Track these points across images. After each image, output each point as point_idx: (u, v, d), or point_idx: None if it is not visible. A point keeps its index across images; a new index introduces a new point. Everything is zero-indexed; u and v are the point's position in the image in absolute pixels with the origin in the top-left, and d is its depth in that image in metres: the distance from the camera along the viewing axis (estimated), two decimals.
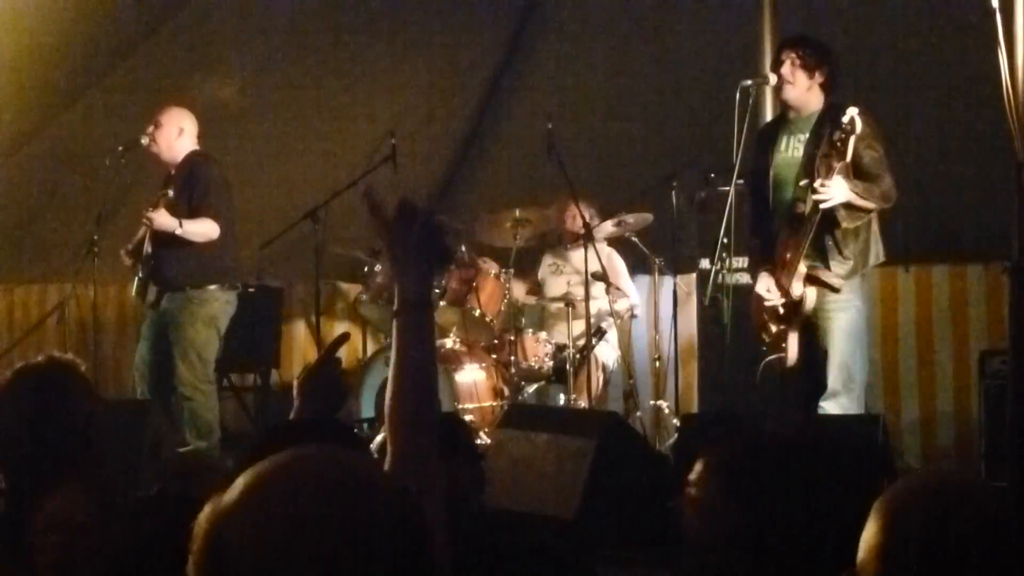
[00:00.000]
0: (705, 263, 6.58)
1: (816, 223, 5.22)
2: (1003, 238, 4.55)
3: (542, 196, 7.47)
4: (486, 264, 7.04)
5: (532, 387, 7.04)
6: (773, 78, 5.49)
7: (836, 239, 5.31)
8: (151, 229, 6.27)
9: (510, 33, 8.58)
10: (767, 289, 5.45)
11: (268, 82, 8.28)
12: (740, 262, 6.00)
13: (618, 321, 7.11)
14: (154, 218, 6.18)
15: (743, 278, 6.08)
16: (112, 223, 7.02)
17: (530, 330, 7.09)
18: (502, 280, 7.03)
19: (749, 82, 5.53)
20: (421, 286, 1.93)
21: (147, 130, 6.43)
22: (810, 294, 5.32)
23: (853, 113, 5.07)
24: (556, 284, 7.39)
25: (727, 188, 5.56)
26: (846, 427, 5.13)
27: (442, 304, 6.96)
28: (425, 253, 1.93)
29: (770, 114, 6.25)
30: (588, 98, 8.36)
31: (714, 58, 7.63)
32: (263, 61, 8.20)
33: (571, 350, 6.78)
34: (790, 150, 5.48)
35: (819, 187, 5.13)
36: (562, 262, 7.49)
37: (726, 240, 5.50)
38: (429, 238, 1.92)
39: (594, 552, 4.53)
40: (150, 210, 6.23)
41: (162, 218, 6.17)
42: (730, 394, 5.88)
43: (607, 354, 7.19)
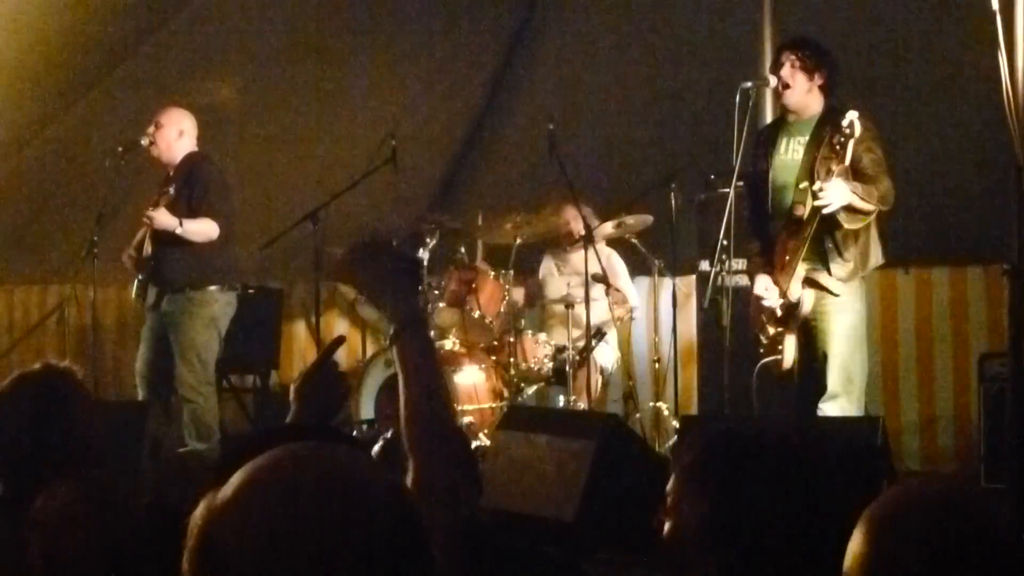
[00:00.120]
0: (705, 265, 6.57)
1: (815, 226, 5.22)
2: (1003, 240, 4.55)
3: (543, 197, 7.46)
4: (483, 267, 7.04)
5: (531, 389, 7.04)
6: (773, 80, 5.49)
7: (836, 242, 5.31)
8: (151, 229, 6.27)
9: (511, 33, 8.58)
10: (765, 288, 5.45)
11: (268, 82, 8.28)
12: (740, 264, 5.98)
13: (618, 323, 7.10)
14: (154, 216, 6.18)
15: (742, 280, 6.07)
16: (112, 224, 7.01)
17: (529, 331, 7.08)
18: (501, 281, 7.02)
19: (749, 84, 5.54)
20: (408, 305, 2.00)
21: (147, 131, 6.43)
22: (808, 297, 5.31)
23: (853, 116, 5.08)
24: (556, 285, 7.39)
25: (727, 190, 5.55)
26: (846, 429, 5.13)
27: (441, 305, 6.96)
28: (397, 276, 2.00)
29: (770, 116, 6.25)
30: (588, 99, 8.36)
31: (714, 59, 7.63)
32: (263, 61, 8.19)
33: (570, 352, 6.77)
34: (789, 152, 5.48)
35: (818, 191, 5.13)
36: (562, 264, 7.48)
37: (726, 242, 5.49)
38: (394, 263, 2.00)
39: (593, 554, 4.53)
40: (150, 209, 6.23)
41: (162, 217, 6.17)
42: (729, 396, 5.87)
43: (606, 356, 7.19)
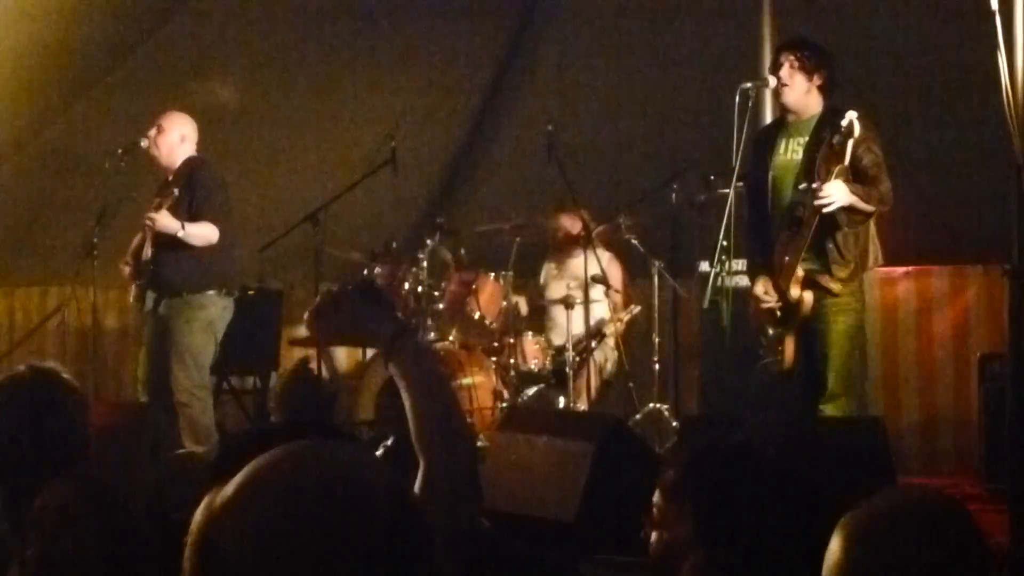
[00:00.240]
0: (705, 266, 6.56)
1: (815, 226, 5.22)
2: (1003, 241, 4.54)
3: (542, 198, 7.46)
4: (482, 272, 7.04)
5: (531, 390, 7.02)
6: (772, 81, 5.49)
7: (836, 242, 5.30)
8: (152, 233, 6.24)
9: (510, 34, 8.57)
10: (764, 291, 5.44)
11: (268, 84, 8.28)
12: (740, 265, 5.98)
13: (618, 324, 7.10)
14: (157, 219, 6.14)
15: (743, 281, 6.07)
16: (112, 225, 7.01)
17: (529, 333, 7.07)
18: (501, 283, 7.02)
19: (749, 85, 5.53)
20: (385, 325, 2.03)
21: (148, 133, 6.41)
22: (807, 298, 5.31)
23: (852, 117, 5.08)
24: (556, 287, 7.38)
25: (727, 191, 5.55)
26: (846, 429, 5.12)
27: (441, 307, 6.95)
28: (362, 309, 2.05)
29: (770, 117, 6.24)
30: (588, 100, 8.35)
31: (714, 60, 7.63)
32: (263, 63, 8.19)
33: (570, 353, 6.76)
34: (789, 153, 5.47)
35: (818, 191, 5.13)
36: (561, 266, 7.48)
37: (725, 243, 5.48)
38: (354, 301, 2.06)
39: (593, 555, 4.53)
40: (152, 212, 6.20)
41: (165, 219, 6.13)
42: (730, 397, 5.87)
43: (604, 357, 7.18)
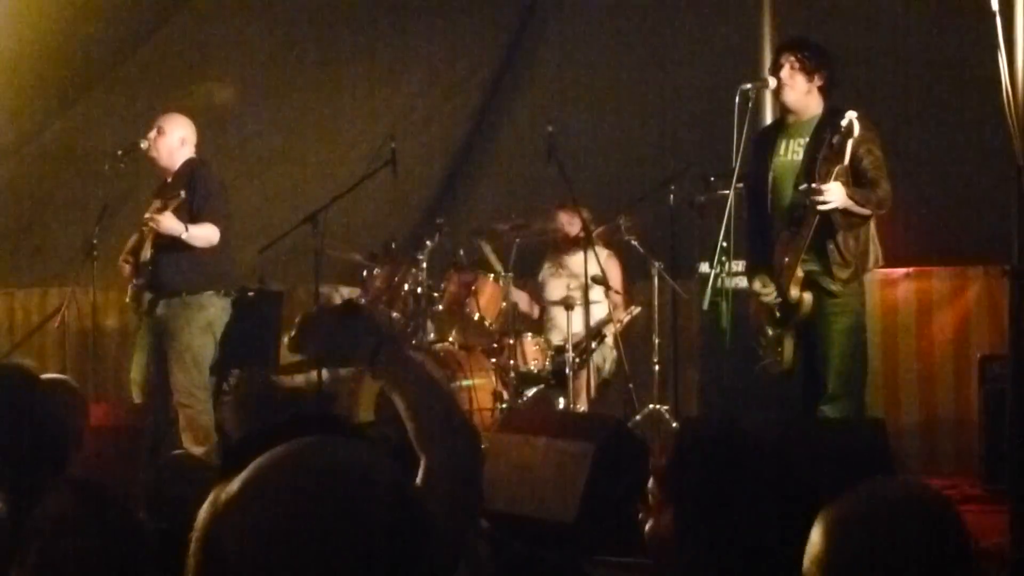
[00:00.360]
0: (704, 267, 6.55)
1: (815, 227, 5.21)
2: (1004, 241, 4.54)
3: (542, 198, 7.46)
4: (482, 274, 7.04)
5: (531, 390, 7.02)
6: (772, 81, 5.48)
7: (836, 243, 5.30)
8: (153, 234, 6.21)
9: (510, 34, 8.58)
10: (762, 285, 5.44)
11: (267, 84, 8.27)
12: (739, 266, 5.97)
13: (618, 324, 7.09)
14: (161, 220, 6.09)
15: (742, 282, 6.06)
16: (112, 225, 7.00)
17: (529, 334, 7.07)
18: (501, 284, 7.01)
19: (749, 86, 5.52)
20: (368, 337, 2.06)
21: (148, 135, 6.39)
22: (807, 298, 5.31)
23: (852, 117, 5.08)
24: (556, 287, 7.38)
25: (727, 191, 5.54)
26: (846, 430, 5.12)
27: (440, 308, 6.95)
28: (340, 328, 2.10)
29: (770, 117, 6.24)
30: (587, 100, 8.35)
31: (714, 60, 7.62)
32: (263, 61, 8.19)
33: (570, 354, 6.76)
34: (789, 154, 5.47)
35: (817, 191, 5.12)
36: (561, 266, 7.47)
37: (725, 244, 5.48)
38: (335, 321, 2.13)
39: (593, 556, 4.53)
40: (155, 213, 6.16)
41: (169, 221, 6.09)
42: (730, 398, 5.86)
43: (603, 357, 7.17)
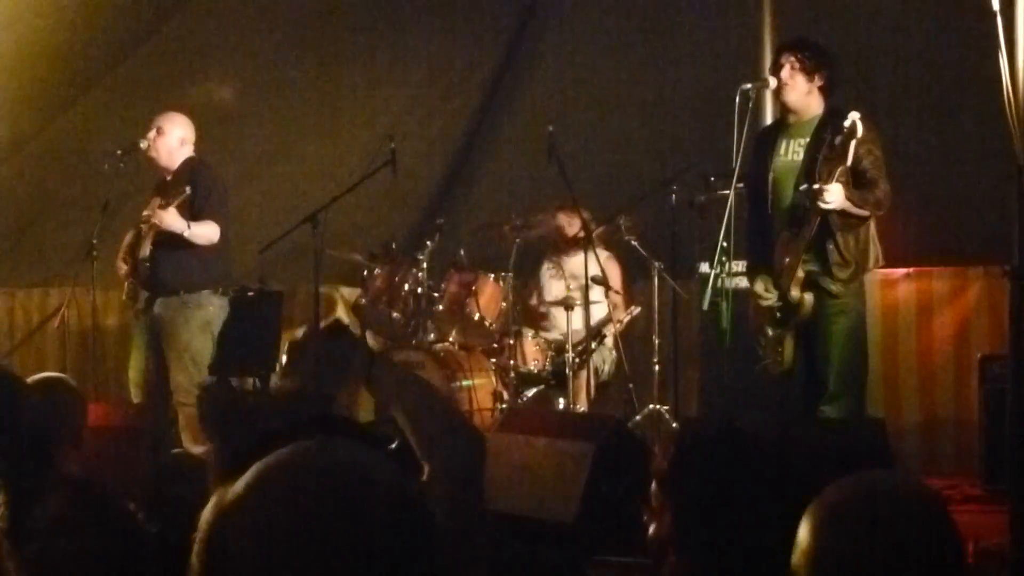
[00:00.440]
0: (704, 267, 6.55)
1: (816, 227, 5.21)
2: (1004, 242, 4.54)
3: (542, 198, 7.46)
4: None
5: (531, 391, 7.01)
6: (773, 81, 5.48)
7: (837, 243, 5.30)
8: (154, 231, 6.20)
9: (510, 34, 8.57)
10: (764, 288, 5.44)
11: (267, 84, 8.28)
12: (740, 266, 5.97)
13: (618, 325, 7.09)
14: (164, 216, 6.07)
15: (743, 282, 6.06)
16: (112, 226, 7.00)
17: (529, 334, 7.06)
18: (501, 284, 7.01)
19: (749, 86, 5.52)
20: (356, 355, 2.04)
21: (148, 135, 6.39)
22: (808, 299, 5.31)
23: (855, 117, 5.07)
24: (555, 287, 7.38)
25: (727, 192, 5.54)
26: (847, 430, 5.12)
27: (440, 308, 6.95)
28: (331, 348, 2.08)
29: (770, 117, 6.24)
30: (587, 100, 8.34)
31: (714, 60, 7.62)
32: (263, 61, 8.19)
33: (570, 354, 6.76)
34: (790, 154, 5.46)
35: (819, 191, 5.12)
36: (561, 266, 7.47)
37: (725, 244, 5.48)
38: (322, 344, 2.10)
39: (593, 556, 4.52)
40: (158, 209, 6.12)
41: (172, 217, 6.07)
42: (730, 398, 5.86)
43: (603, 358, 7.17)
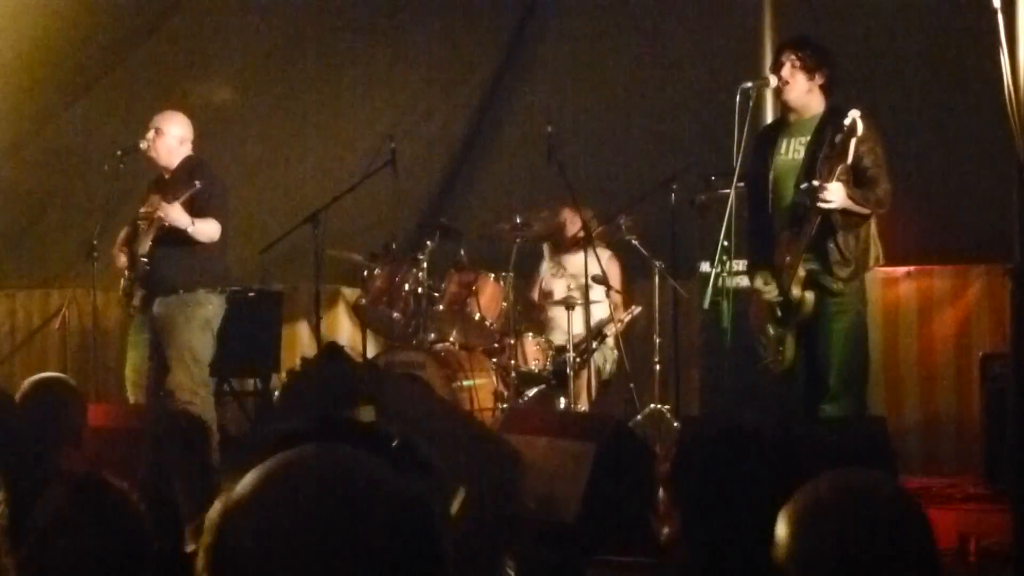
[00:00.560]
0: (705, 266, 6.55)
1: (816, 226, 5.21)
2: (1005, 240, 4.54)
3: (542, 198, 7.46)
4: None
5: (532, 390, 7.01)
6: (773, 80, 5.47)
7: (837, 242, 5.29)
8: (156, 227, 6.17)
9: (510, 34, 8.57)
10: (764, 282, 5.43)
11: (267, 83, 8.27)
12: (740, 265, 5.97)
13: (618, 324, 7.09)
14: (169, 211, 6.02)
15: (743, 281, 6.06)
16: (112, 226, 6.99)
17: (530, 333, 7.06)
18: (501, 284, 7.01)
19: (749, 84, 5.52)
20: (354, 377, 2.05)
21: (147, 135, 6.38)
22: (809, 298, 5.30)
23: (855, 115, 5.07)
24: (556, 287, 7.38)
25: (727, 191, 5.54)
26: (848, 430, 5.11)
27: (441, 308, 6.94)
28: (330, 375, 2.11)
29: (771, 116, 6.24)
30: (587, 99, 8.35)
31: (714, 59, 7.62)
32: (263, 61, 8.19)
33: (571, 354, 6.76)
34: (790, 153, 5.46)
35: (820, 190, 5.12)
36: (561, 266, 7.47)
37: (726, 243, 5.47)
38: (322, 373, 2.12)
39: (594, 556, 4.52)
40: (163, 203, 6.07)
41: (177, 213, 6.02)
42: (730, 397, 5.86)
43: (604, 357, 7.17)
